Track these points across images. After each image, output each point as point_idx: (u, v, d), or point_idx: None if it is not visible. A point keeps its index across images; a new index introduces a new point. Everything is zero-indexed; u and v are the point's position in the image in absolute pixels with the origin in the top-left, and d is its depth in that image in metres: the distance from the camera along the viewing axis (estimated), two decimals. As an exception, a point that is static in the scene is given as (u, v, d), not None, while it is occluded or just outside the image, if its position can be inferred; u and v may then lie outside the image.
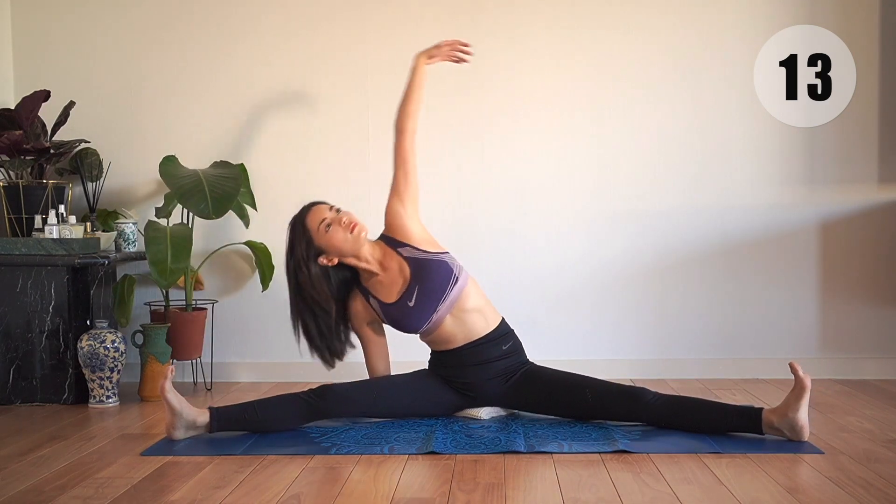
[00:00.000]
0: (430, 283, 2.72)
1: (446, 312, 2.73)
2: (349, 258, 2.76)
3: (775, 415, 2.46)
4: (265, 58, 3.60)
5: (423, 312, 2.73)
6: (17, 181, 3.29)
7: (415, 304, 2.72)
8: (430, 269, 2.74)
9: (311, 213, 2.76)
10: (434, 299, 2.72)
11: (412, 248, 2.78)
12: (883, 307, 3.52)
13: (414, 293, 2.72)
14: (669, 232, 3.54)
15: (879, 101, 3.50)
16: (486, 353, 2.77)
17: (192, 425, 2.56)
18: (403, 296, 2.74)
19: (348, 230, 2.72)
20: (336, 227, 2.72)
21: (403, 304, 2.73)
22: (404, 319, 2.75)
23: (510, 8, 3.55)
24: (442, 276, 2.73)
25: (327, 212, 2.76)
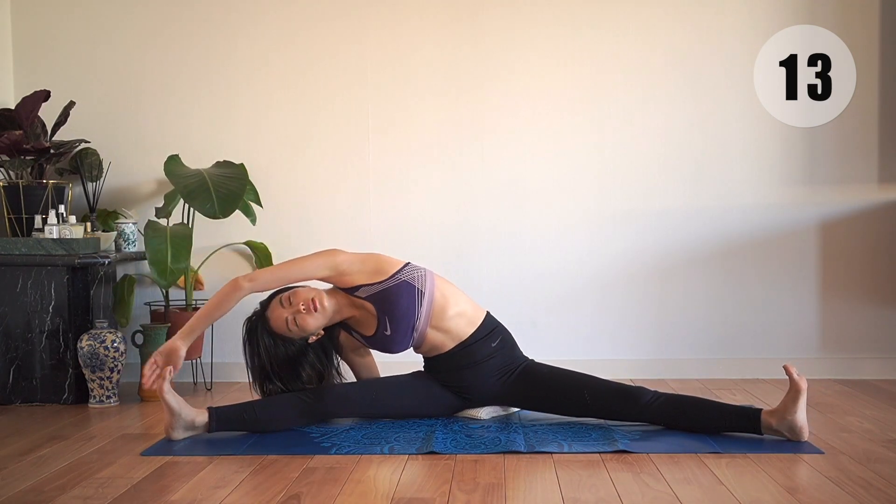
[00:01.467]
0: (398, 310, 2.70)
1: (426, 327, 2.73)
2: (325, 325, 2.77)
3: (774, 417, 2.46)
4: (265, 58, 3.60)
5: (403, 336, 2.73)
6: (17, 181, 3.29)
7: (391, 331, 2.72)
8: (391, 296, 2.71)
9: (271, 321, 2.72)
10: (408, 322, 2.71)
11: (366, 286, 2.73)
12: (883, 307, 3.52)
13: (387, 322, 2.72)
14: (670, 232, 3.54)
15: (879, 101, 3.50)
16: (477, 352, 2.76)
17: (191, 425, 2.56)
18: (379, 327, 2.74)
19: (311, 311, 2.68)
20: (301, 315, 2.68)
21: (381, 335, 2.75)
22: (388, 346, 2.77)
23: (510, 8, 3.55)
24: (407, 298, 2.70)
25: (281, 308, 2.71)
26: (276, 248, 3.57)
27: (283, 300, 2.72)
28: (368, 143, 3.59)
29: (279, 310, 2.72)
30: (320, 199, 3.61)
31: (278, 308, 2.72)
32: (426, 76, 3.58)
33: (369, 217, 3.59)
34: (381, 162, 3.60)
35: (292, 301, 2.70)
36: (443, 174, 3.57)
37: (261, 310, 2.78)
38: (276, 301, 2.74)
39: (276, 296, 2.76)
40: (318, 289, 2.76)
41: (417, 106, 3.59)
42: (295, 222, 3.61)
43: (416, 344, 2.78)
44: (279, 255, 3.56)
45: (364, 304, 2.75)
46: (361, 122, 3.59)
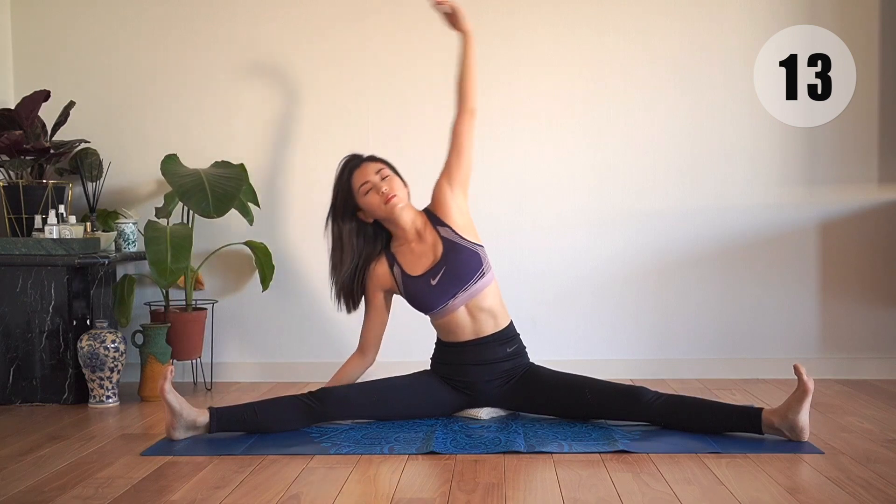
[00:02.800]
0: (457, 269, 2.74)
1: (462, 303, 2.75)
2: (384, 222, 2.81)
3: (776, 415, 2.46)
4: (265, 58, 3.60)
5: (441, 295, 2.74)
6: (17, 181, 3.29)
7: (437, 284, 2.74)
8: (462, 254, 2.76)
9: (359, 170, 2.81)
10: (456, 285, 2.74)
11: (451, 230, 2.79)
12: (883, 307, 3.52)
13: (439, 273, 2.74)
14: (669, 232, 3.54)
15: (879, 101, 3.50)
16: (490, 352, 2.77)
17: (192, 425, 2.56)
18: (428, 272, 2.75)
19: (384, 200, 2.74)
20: (374, 193, 2.75)
21: (426, 281, 2.75)
22: (421, 296, 2.76)
23: (510, 10, 3.55)
24: (471, 266, 2.75)
25: (373, 174, 2.78)
26: (275, 248, 3.57)
27: (381, 169, 2.79)
28: (368, 144, 3.59)
29: (371, 170, 2.79)
30: (320, 199, 3.59)
31: (372, 170, 2.79)
32: (426, 77, 3.58)
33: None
34: (381, 162, 3.60)
35: (385, 178, 2.77)
36: (443, 174, 3.57)
37: (363, 158, 2.83)
38: (377, 164, 2.81)
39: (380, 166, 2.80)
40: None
41: (417, 108, 3.59)
42: (295, 222, 3.61)
43: (442, 314, 2.77)
44: (279, 255, 3.57)
45: (435, 242, 2.77)
46: (362, 122, 3.59)
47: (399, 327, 3.61)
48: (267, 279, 3.53)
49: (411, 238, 2.82)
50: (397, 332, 3.60)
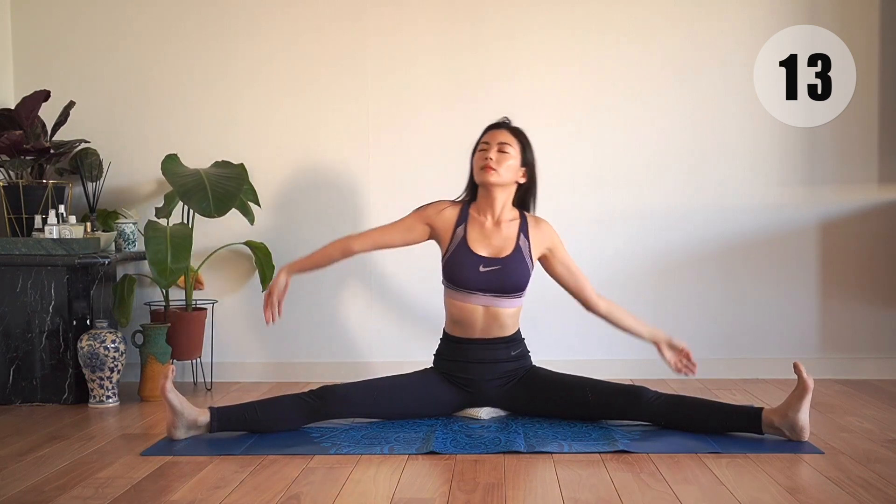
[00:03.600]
0: (507, 277, 2.76)
1: (486, 303, 2.76)
2: (477, 182, 2.83)
3: (776, 415, 2.46)
4: (266, 58, 3.60)
5: (477, 283, 2.75)
6: (17, 181, 3.29)
7: (482, 273, 2.75)
8: (519, 271, 2.78)
9: (492, 131, 2.85)
10: (494, 288, 2.75)
11: (530, 247, 2.81)
12: (883, 307, 3.52)
13: (491, 267, 2.75)
14: (669, 232, 3.54)
15: (879, 101, 3.50)
16: (495, 353, 2.78)
17: (193, 425, 2.56)
18: (484, 258, 2.77)
19: (481, 164, 2.78)
20: (481, 154, 2.80)
21: (477, 263, 2.76)
22: (461, 269, 2.76)
23: (510, 10, 3.55)
24: (517, 284, 2.78)
25: (496, 141, 2.81)
26: (275, 248, 3.57)
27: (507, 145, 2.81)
28: (368, 144, 3.59)
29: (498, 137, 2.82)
30: (320, 199, 3.61)
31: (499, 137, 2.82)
32: (426, 77, 3.58)
33: (369, 217, 3.59)
34: (382, 163, 3.60)
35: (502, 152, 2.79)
36: (442, 174, 3.57)
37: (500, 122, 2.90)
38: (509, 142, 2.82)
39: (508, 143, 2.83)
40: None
41: (417, 106, 3.59)
42: (295, 222, 3.61)
43: (462, 298, 2.76)
44: (279, 255, 3.57)
45: (508, 240, 2.79)
46: (362, 122, 3.59)
47: (400, 327, 3.61)
48: (267, 279, 3.53)
49: (488, 218, 2.83)
50: (398, 332, 3.61)
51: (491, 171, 2.77)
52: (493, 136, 2.82)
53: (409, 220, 2.90)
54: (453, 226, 2.83)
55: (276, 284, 2.83)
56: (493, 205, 2.82)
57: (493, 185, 2.79)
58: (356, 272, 3.59)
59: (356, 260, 3.58)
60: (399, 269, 3.60)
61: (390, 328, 3.60)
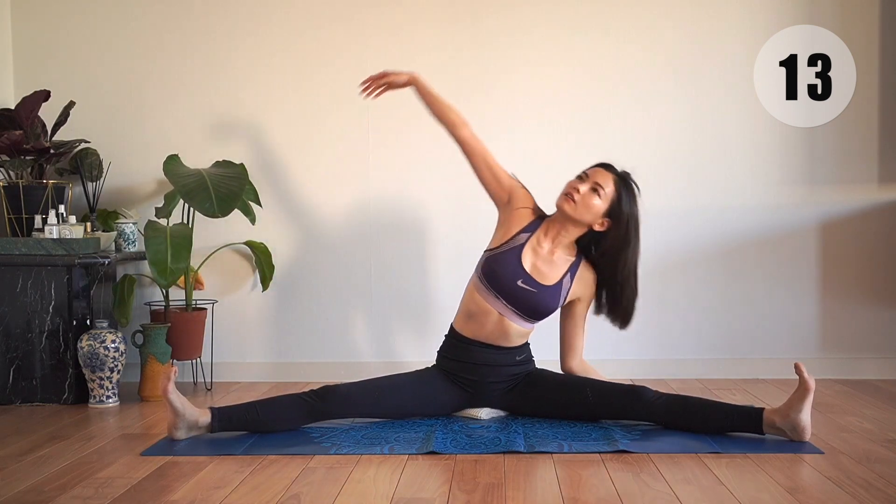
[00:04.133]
0: (537, 303, 2.73)
1: (504, 312, 2.73)
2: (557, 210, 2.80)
3: (777, 415, 2.46)
4: (266, 58, 3.60)
5: (507, 291, 2.72)
6: (17, 181, 3.29)
7: (518, 286, 2.72)
8: (548, 303, 2.76)
9: (595, 169, 2.80)
10: (521, 306, 2.73)
11: (569, 289, 2.79)
12: (883, 307, 3.52)
13: (529, 287, 2.72)
14: (669, 232, 3.54)
15: (879, 101, 3.50)
16: (500, 358, 2.78)
17: (194, 426, 2.56)
18: (528, 276, 2.74)
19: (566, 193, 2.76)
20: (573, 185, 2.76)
21: (518, 275, 2.73)
22: (502, 272, 2.73)
23: (510, 9, 3.55)
24: (540, 313, 2.77)
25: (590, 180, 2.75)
26: (275, 248, 3.57)
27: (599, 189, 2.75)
28: (368, 143, 3.59)
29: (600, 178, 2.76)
30: (320, 199, 3.61)
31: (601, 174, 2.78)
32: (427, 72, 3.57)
33: (369, 217, 3.59)
34: (381, 162, 3.60)
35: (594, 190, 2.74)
36: (443, 175, 3.57)
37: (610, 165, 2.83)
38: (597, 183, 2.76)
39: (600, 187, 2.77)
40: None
41: (417, 107, 3.58)
42: (295, 222, 3.61)
43: (485, 296, 2.74)
44: (279, 255, 3.57)
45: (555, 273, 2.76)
46: (361, 121, 3.59)
47: (400, 327, 3.61)
48: (267, 279, 3.53)
49: (549, 241, 2.79)
50: (398, 332, 3.61)
51: (571, 202, 2.73)
52: (595, 174, 2.77)
53: (506, 177, 2.89)
54: (520, 227, 2.81)
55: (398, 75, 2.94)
56: (560, 233, 2.79)
57: (565, 214, 2.75)
58: (356, 272, 3.59)
59: (356, 260, 3.59)
60: (399, 269, 3.60)
61: (390, 328, 3.60)
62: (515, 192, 2.87)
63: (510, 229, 2.82)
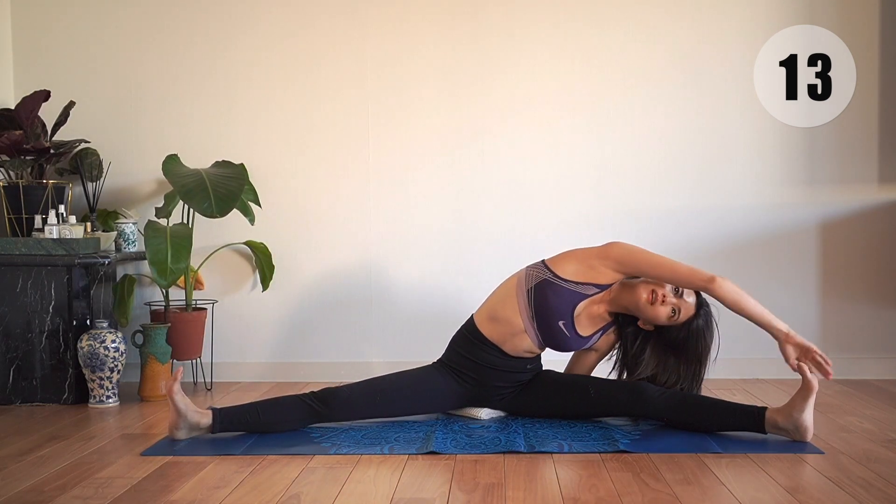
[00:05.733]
0: (563, 345, 2.75)
1: (531, 335, 2.71)
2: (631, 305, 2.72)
3: (780, 414, 2.46)
4: (265, 58, 3.60)
5: (545, 323, 2.69)
6: (17, 181, 3.29)
7: (556, 325, 2.70)
8: (572, 348, 2.79)
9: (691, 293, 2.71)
10: (546, 338, 2.72)
11: (597, 340, 2.82)
12: (883, 307, 3.52)
13: (566, 331, 2.70)
14: (669, 232, 3.54)
15: (879, 101, 3.50)
16: (510, 364, 2.78)
17: (196, 426, 2.56)
18: (570, 324, 2.70)
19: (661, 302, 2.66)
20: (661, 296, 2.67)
21: (564, 317, 2.69)
22: (554, 301, 2.66)
23: (510, 7, 3.55)
24: (561, 350, 2.79)
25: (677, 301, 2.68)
26: (275, 248, 3.57)
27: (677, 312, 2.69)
28: (368, 143, 3.59)
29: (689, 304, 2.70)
30: (320, 198, 3.61)
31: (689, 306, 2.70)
32: (426, 76, 3.58)
33: (369, 217, 3.59)
34: (381, 161, 3.60)
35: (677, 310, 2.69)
36: (443, 174, 3.57)
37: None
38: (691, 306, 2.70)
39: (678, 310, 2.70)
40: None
41: (417, 106, 3.59)
42: (295, 222, 3.61)
43: (525, 324, 2.70)
44: (279, 255, 3.57)
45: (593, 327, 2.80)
46: (361, 121, 3.59)
47: (400, 327, 3.61)
48: (267, 279, 3.53)
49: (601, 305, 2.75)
50: (398, 332, 3.61)
51: (653, 300, 2.65)
52: (689, 297, 2.69)
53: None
54: (598, 282, 2.70)
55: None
56: (614, 304, 2.74)
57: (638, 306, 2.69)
58: (356, 272, 3.59)
59: (356, 259, 3.59)
60: (399, 269, 3.59)
61: (390, 328, 3.60)
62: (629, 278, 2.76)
63: (590, 276, 2.69)
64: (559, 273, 2.70)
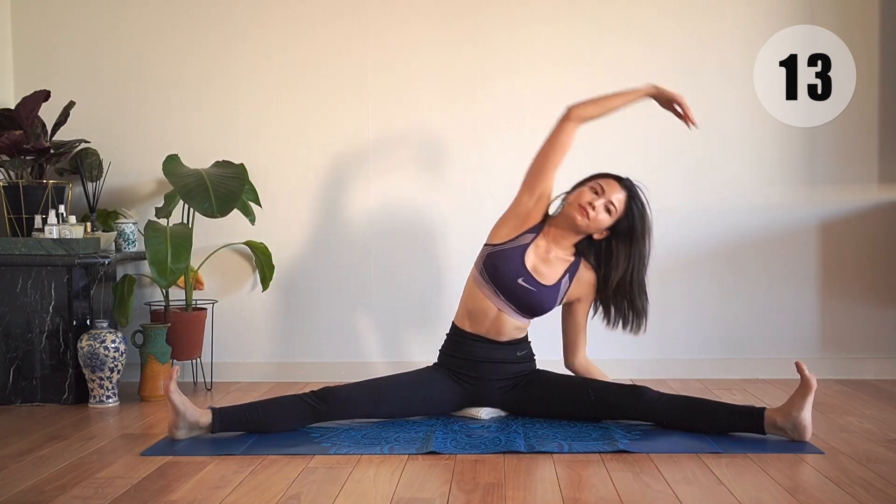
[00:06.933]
0: (535, 302, 2.76)
1: (502, 308, 2.75)
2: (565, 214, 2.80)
3: (779, 414, 2.46)
4: (265, 58, 3.60)
5: (507, 289, 2.74)
6: (17, 181, 3.29)
7: (519, 284, 2.74)
8: (546, 302, 2.79)
9: (607, 180, 2.80)
10: (519, 304, 2.75)
11: (568, 289, 2.82)
12: (883, 307, 3.52)
13: (529, 286, 2.74)
14: (670, 232, 3.54)
15: (879, 101, 3.50)
16: (501, 353, 2.79)
17: (195, 426, 2.56)
18: (529, 275, 2.75)
19: (583, 211, 2.75)
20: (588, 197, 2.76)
21: (520, 273, 2.75)
22: (504, 269, 2.74)
23: (510, 7, 3.55)
24: (539, 310, 2.79)
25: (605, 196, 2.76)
26: (275, 248, 3.57)
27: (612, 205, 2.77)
28: (368, 143, 3.59)
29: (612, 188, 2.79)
30: (320, 198, 3.61)
31: (612, 188, 2.79)
32: (426, 76, 3.58)
33: (370, 216, 3.59)
34: (382, 161, 3.60)
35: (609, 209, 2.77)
36: (443, 174, 3.57)
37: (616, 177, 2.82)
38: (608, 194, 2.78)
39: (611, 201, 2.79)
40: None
41: (418, 105, 3.59)
42: (295, 222, 3.61)
43: (485, 294, 2.75)
44: (279, 255, 3.57)
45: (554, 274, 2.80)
46: (362, 121, 3.59)
47: (400, 327, 3.61)
48: (267, 279, 3.53)
49: (550, 247, 2.81)
50: (398, 332, 3.61)
51: (585, 216, 2.75)
52: (611, 189, 2.78)
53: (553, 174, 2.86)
54: (528, 227, 2.82)
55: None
56: (560, 237, 2.81)
57: (576, 225, 2.77)
58: (356, 271, 3.59)
59: (356, 259, 3.59)
60: (399, 269, 3.60)
61: (391, 327, 3.60)
62: (548, 192, 2.87)
63: (519, 226, 2.82)
64: (495, 241, 2.83)
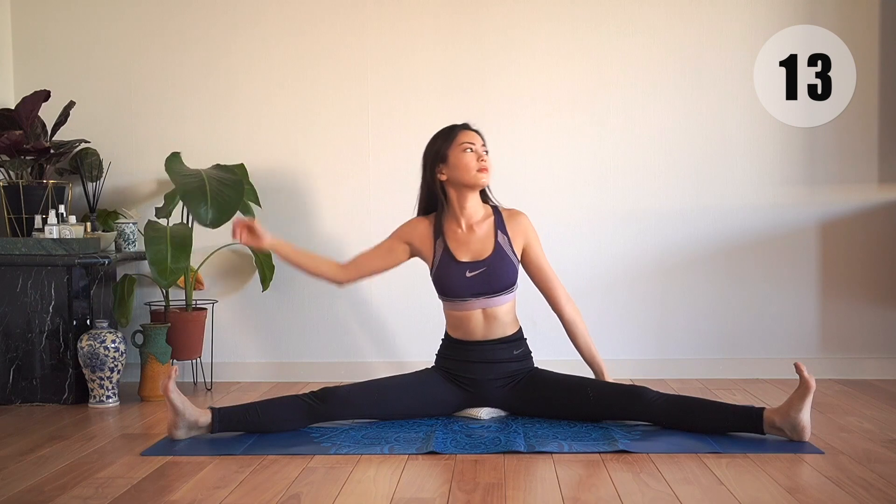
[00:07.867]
0: (495, 275, 2.76)
1: (482, 305, 2.77)
2: (454, 188, 2.81)
3: (778, 414, 2.46)
4: (265, 58, 3.60)
5: (468, 289, 2.76)
6: (17, 181, 3.29)
7: (471, 278, 2.76)
8: (505, 265, 2.78)
9: (468, 132, 2.82)
10: (486, 289, 2.76)
11: (509, 241, 2.82)
12: (883, 307, 3.52)
13: (478, 271, 2.77)
14: (670, 232, 3.54)
15: (879, 101, 3.50)
16: (497, 353, 2.79)
17: (195, 425, 2.56)
18: (469, 264, 2.77)
19: (478, 167, 2.77)
20: (473, 154, 2.78)
21: (463, 270, 2.77)
22: (451, 280, 2.77)
23: (510, 6, 3.55)
24: (506, 280, 2.78)
25: (479, 143, 2.81)
26: (276, 248, 3.57)
27: (484, 144, 2.83)
28: (368, 143, 3.59)
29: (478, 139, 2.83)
30: (320, 198, 3.61)
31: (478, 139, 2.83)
32: (426, 75, 3.58)
33: (369, 216, 3.59)
34: (381, 161, 3.60)
35: (486, 153, 2.82)
36: (443, 174, 3.57)
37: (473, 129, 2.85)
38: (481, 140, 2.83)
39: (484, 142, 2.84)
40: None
41: (418, 105, 3.59)
42: (294, 222, 3.61)
43: (460, 307, 2.77)
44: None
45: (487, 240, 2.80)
46: (361, 121, 3.59)
47: (400, 327, 3.61)
48: (267, 279, 3.53)
49: (462, 223, 2.83)
50: (398, 332, 3.61)
51: (487, 172, 2.79)
52: (475, 138, 2.82)
53: (388, 243, 2.91)
54: (432, 239, 2.84)
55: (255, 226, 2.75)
56: (466, 207, 2.83)
57: (482, 185, 2.81)
58: (356, 272, 3.59)
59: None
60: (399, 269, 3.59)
61: (390, 328, 3.60)
62: (404, 236, 2.89)
63: (427, 249, 2.84)
64: (430, 269, 2.84)
